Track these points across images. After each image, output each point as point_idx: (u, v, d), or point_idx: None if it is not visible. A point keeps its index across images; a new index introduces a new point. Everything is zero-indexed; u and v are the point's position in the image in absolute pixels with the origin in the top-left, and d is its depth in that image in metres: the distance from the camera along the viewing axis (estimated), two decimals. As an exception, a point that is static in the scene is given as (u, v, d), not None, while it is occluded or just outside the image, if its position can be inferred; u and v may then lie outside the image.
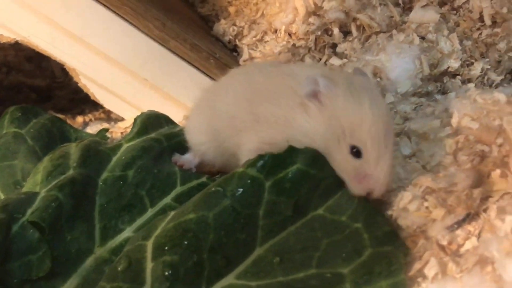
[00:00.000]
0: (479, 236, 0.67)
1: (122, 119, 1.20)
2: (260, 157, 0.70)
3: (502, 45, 1.05)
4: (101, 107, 1.39)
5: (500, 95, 0.80)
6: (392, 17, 1.11)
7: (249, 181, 0.68)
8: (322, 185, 0.70)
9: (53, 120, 1.03)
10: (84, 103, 1.45)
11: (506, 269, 0.62)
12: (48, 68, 1.62)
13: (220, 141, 0.83)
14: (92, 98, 1.11)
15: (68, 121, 1.35)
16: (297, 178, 0.69)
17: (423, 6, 1.10)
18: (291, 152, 0.70)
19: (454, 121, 0.81)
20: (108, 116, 1.39)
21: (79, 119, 1.36)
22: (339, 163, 0.71)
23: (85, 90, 1.09)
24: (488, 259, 0.64)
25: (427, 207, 0.72)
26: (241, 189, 0.68)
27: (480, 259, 0.65)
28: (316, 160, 0.70)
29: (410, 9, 1.13)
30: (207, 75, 1.10)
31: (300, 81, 0.75)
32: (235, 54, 1.27)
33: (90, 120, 1.36)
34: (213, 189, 0.69)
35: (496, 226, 0.66)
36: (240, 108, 0.80)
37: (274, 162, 0.69)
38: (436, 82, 1.03)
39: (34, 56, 1.63)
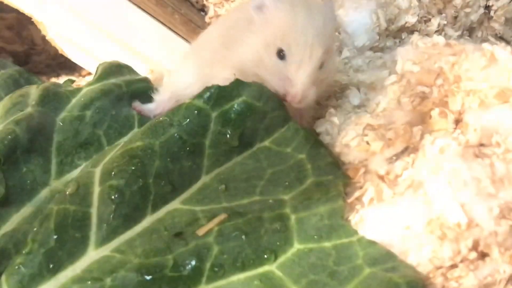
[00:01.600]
0: (413, 163, 0.70)
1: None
2: (207, 89, 0.72)
3: (458, 1, 1.08)
4: (78, 71, 1.42)
5: (439, 38, 0.83)
6: (354, -24, 1.14)
7: (195, 111, 0.71)
8: (268, 118, 0.73)
9: (21, 72, 1.05)
10: (61, 68, 1.47)
11: (434, 189, 0.65)
12: (28, 37, 1.64)
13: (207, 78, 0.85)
14: (60, 52, 1.13)
15: (43, 82, 1.38)
16: (243, 110, 0.72)
17: (384, -35, 1.13)
18: (238, 85, 0.73)
19: (398, 67, 0.84)
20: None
21: (53, 80, 1.39)
22: (267, 66, 0.75)
23: (52, 44, 1.12)
24: (420, 183, 0.67)
25: (367, 142, 0.75)
26: (187, 119, 0.71)
27: (412, 184, 0.68)
28: (262, 93, 0.73)
29: (372, -32, 1.15)
30: (172, 30, 1.13)
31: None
32: (202, 14, 1.30)
33: (64, 80, 1.38)
34: (160, 118, 0.72)
35: (427, 151, 0.68)
36: (216, 44, 0.85)
37: (220, 94, 0.72)
38: (395, 38, 1.06)
39: (16, 24, 1.66)
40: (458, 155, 0.65)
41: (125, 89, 0.91)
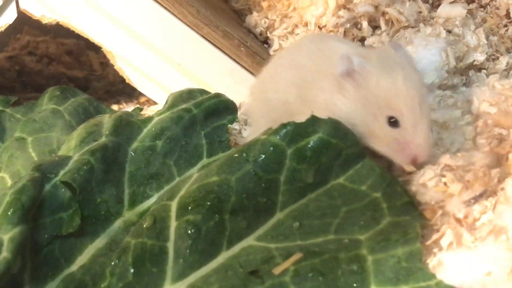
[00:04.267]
0: (494, 208, 0.69)
1: (156, 110, 1.24)
2: (283, 125, 0.72)
3: (526, 40, 1.07)
4: (136, 98, 1.44)
5: (516, 80, 0.82)
6: (420, 12, 1.14)
7: (271, 148, 0.71)
8: (343, 155, 0.72)
9: (90, 100, 1.08)
10: (119, 94, 1.50)
11: (517, 233, 0.64)
12: (87, 62, 1.68)
13: None
14: (127, 81, 1.15)
15: (104, 108, 1.40)
16: (318, 146, 0.71)
17: (451, 2, 1.13)
18: (314, 122, 0.72)
19: (474, 108, 0.83)
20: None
21: (114, 107, 1.41)
22: (379, 137, 0.74)
23: (120, 73, 1.13)
24: (502, 229, 0.66)
25: (445, 183, 0.73)
26: (263, 155, 0.71)
27: (494, 229, 0.66)
28: (338, 130, 0.72)
29: (438, 5, 1.14)
30: (238, 63, 1.14)
31: (336, 62, 0.77)
32: (266, 46, 1.31)
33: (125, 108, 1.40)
34: (236, 154, 0.72)
35: (510, 196, 0.67)
36: (291, 93, 0.83)
37: (297, 130, 0.72)
38: (462, 75, 1.04)
39: (74, 50, 1.70)
40: (544, 202, 0.64)
41: (196, 111, 0.92)
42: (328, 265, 0.65)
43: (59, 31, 1.60)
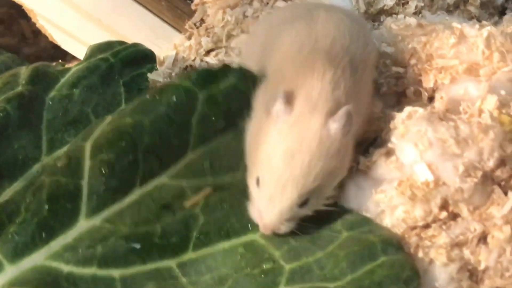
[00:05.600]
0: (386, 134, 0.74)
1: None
2: (195, 70, 0.76)
3: (435, -16, 1.12)
4: (68, 62, 1.44)
5: (411, 20, 0.86)
6: (331, -41, 1.17)
7: (183, 92, 0.75)
8: (252, 100, 0.76)
9: (14, 59, 1.07)
10: (51, 59, 1.49)
11: (403, 152, 0.69)
12: (19, 31, 1.67)
13: None
14: (50, 39, 1.15)
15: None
16: (229, 92, 0.76)
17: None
18: (225, 68, 0.78)
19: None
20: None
21: (44, 70, 1.41)
22: (249, 185, 0.69)
23: (43, 31, 1.14)
24: (392, 150, 0.71)
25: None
26: (175, 99, 0.74)
27: (384, 152, 0.71)
28: (247, 77, 0.77)
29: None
30: (159, 17, 1.16)
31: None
32: (189, 1, 1.33)
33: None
34: (149, 97, 0.76)
35: (396, 118, 0.72)
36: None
37: (208, 76, 0.76)
38: (374, 21, 1.09)
39: (6, 18, 1.68)
40: (423, 119, 0.69)
41: (113, 60, 0.91)
42: (236, 196, 0.71)
43: (-10, 1, 1.58)
